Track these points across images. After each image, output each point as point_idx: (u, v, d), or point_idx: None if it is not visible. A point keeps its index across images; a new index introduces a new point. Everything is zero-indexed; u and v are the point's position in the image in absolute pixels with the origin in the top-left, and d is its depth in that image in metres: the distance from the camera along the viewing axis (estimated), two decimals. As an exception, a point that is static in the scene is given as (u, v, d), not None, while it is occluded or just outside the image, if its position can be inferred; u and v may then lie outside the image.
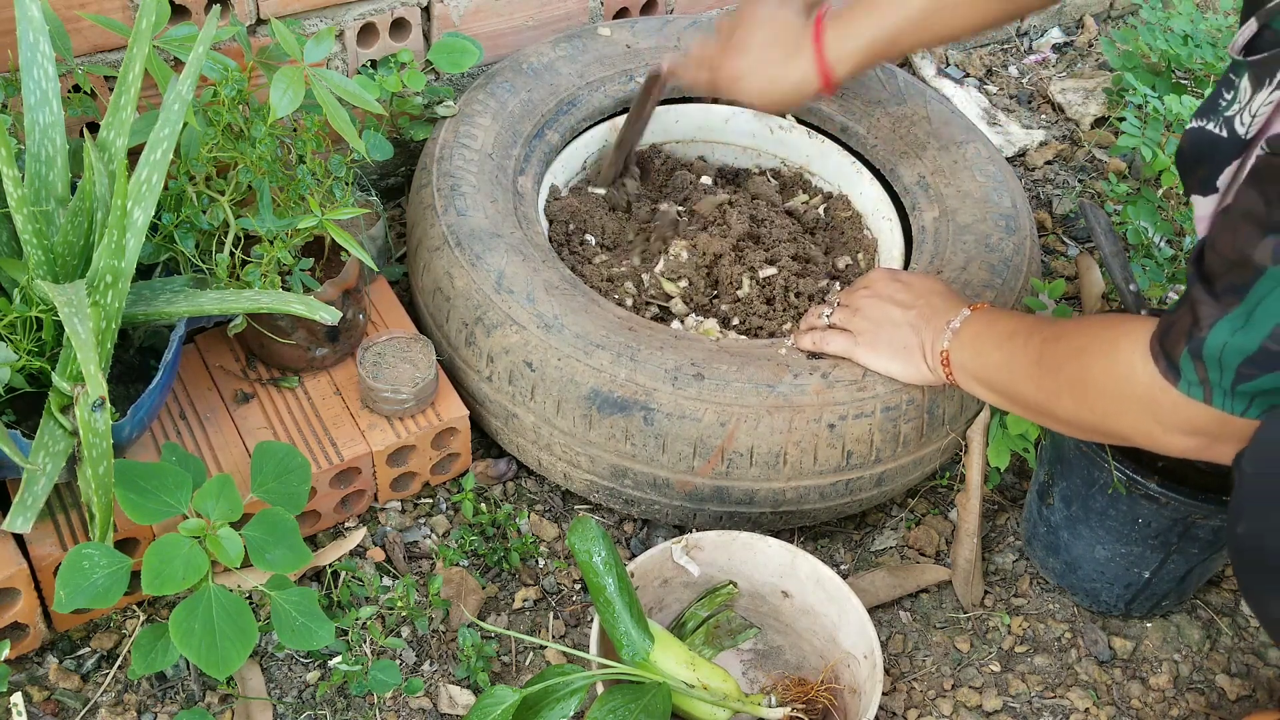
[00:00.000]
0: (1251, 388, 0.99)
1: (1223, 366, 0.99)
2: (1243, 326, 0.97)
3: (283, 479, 1.29)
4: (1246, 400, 1.00)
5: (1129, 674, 1.44)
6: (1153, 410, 1.09)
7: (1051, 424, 1.25)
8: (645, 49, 1.78)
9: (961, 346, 1.32)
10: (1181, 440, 1.09)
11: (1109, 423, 1.15)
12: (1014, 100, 2.31)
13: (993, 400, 1.32)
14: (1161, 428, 1.09)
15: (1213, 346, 0.99)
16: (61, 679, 1.32)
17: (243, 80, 1.36)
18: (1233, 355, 0.98)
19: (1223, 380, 1.00)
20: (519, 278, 1.44)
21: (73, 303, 1.10)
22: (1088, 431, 1.21)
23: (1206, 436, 1.07)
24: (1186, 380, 1.03)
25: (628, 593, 1.26)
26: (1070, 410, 1.19)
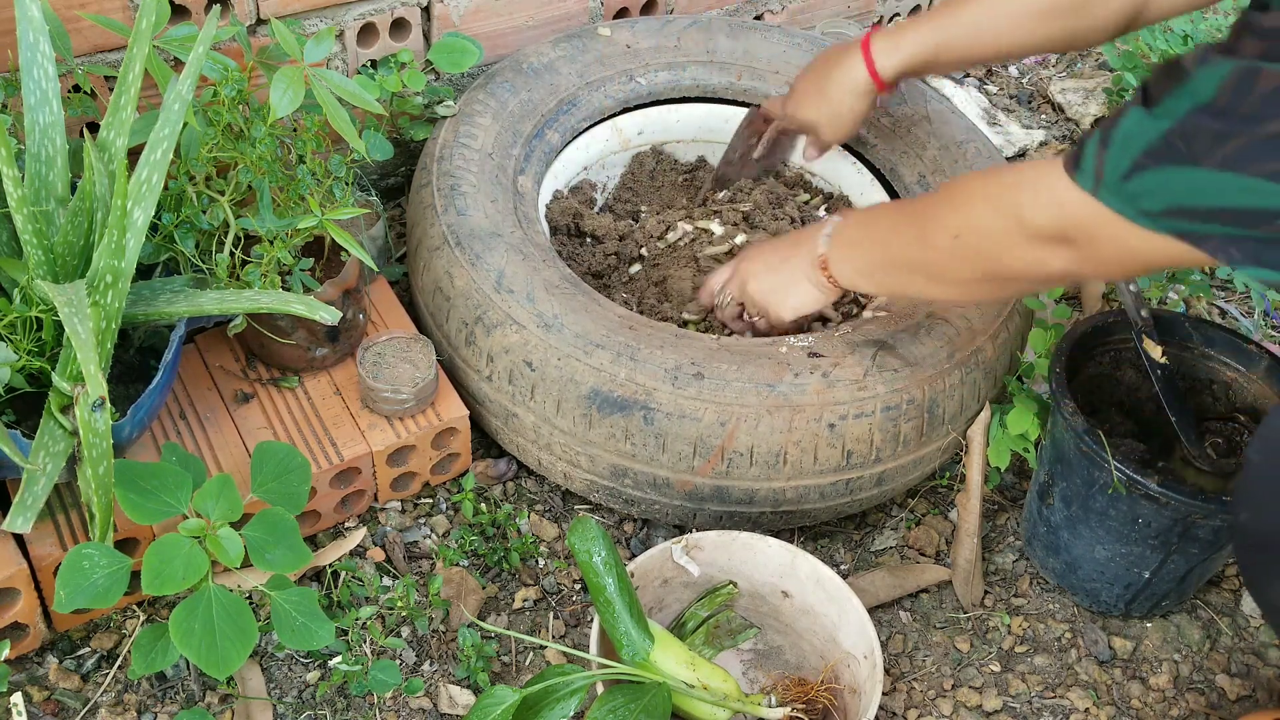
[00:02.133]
0: (1139, 184, 1.00)
1: (1125, 150, 1.01)
2: (1156, 117, 0.99)
3: (283, 479, 1.29)
4: (1126, 199, 1.02)
5: (1129, 674, 1.44)
6: (1031, 206, 1.10)
7: (939, 283, 1.26)
8: (645, 49, 1.78)
9: (839, 244, 1.36)
10: (1037, 250, 1.11)
11: (977, 240, 1.16)
12: (1014, 100, 2.31)
13: (881, 287, 1.37)
14: (1025, 226, 1.11)
15: (1123, 130, 1.01)
16: (61, 679, 1.32)
17: (243, 80, 1.36)
18: (1138, 139, 1.00)
19: (1119, 165, 1.01)
20: (519, 277, 1.44)
21: (73, 303, 1.10)
22: (968, 271, 1.21)
23: (1065, 245, 1.08)
24: (1083, 170, 1.05)
25: (628, 593, 1.26)
26: (945, 244, 1.20)
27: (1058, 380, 1.37)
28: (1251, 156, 0.94)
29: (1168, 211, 1.00)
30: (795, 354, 1.40)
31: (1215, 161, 0.96)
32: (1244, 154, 0.94)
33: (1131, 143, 1.01)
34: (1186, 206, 0.99)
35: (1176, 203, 0.99)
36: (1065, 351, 1.41)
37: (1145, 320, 1.42)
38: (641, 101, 1.77)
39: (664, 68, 1.77)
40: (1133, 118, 1.01)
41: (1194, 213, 0.99)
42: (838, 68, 1.54)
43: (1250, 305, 1.91)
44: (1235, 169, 0.95)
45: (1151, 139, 0.99)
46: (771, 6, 2.08)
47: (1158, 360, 1.40)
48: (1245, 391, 1.46)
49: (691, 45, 1.80)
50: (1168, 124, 0.98)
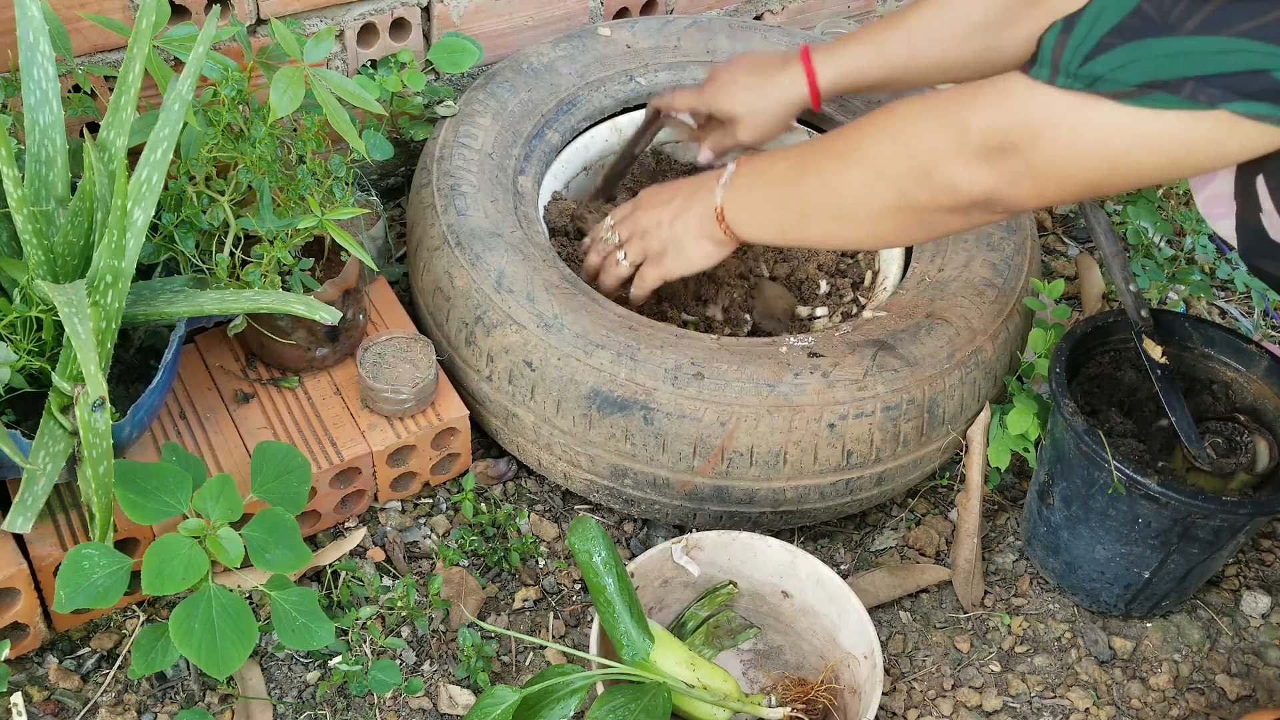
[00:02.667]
0: (1104, 63, 0.95)
1: (1091, 30, 0.96)
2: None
3: (283, 479, 1.29)
4: (1086, 81, 0.96)
5: (1129, 674, 1.44)
6: (966, 113, 1.05)
7: (843, 222, 1.21)
8: (645, 49, 1.78)
9: (735, 191, 1.32)
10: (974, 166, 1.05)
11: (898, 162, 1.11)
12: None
13: (779, 234, 1.31)
14: (960, 141, 1.05)
15: (1089, 14, 0.96)
16: (61, 679, 1.32)
17: (243, 80, 1.36)
18: (1108, 16, 0.95)
19: (1082, 47, 0.96)
20: (519, 277, 1.44)
21: (73, 303, 1.10)
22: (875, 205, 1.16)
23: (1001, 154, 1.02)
24: (1039, 62, 0.99)
25: (628, 593, 1.26)
26: (865, 170, 1.15)
27: (1058, 380, 1.37)
28: (1231, 16, 0.89)
29: (1141, 85, 0.95)
30: (795, 354, 1.40)
31: (1191, 26, 0.91)
32: (1222, 14, 0.90)
33: (1100, 21, 0.96)
34: (1159, 79, 0.93)
35: (1148, 75, 0.94)
36: (1065, 351, 1.41)
37: (1145, 320, 1.42)
38: (641, 101, 1.77)
39: (664, 68, 1.77)
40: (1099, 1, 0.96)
41: (1171, 83, 0.93)
42: (780, 72, 1.51)
43: (1250, 305, 1.91)
44: (1213, 31, 0.90)
45: (1123, 14, 0.94)
46: (771, 6, 2.09)
47: (1158, 360, 1.40)
48: (1245, 391, 1.46)
49: (691, 45, 1.80)
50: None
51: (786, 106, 1.53)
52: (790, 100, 1.52)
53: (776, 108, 1.53)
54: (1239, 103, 0.92)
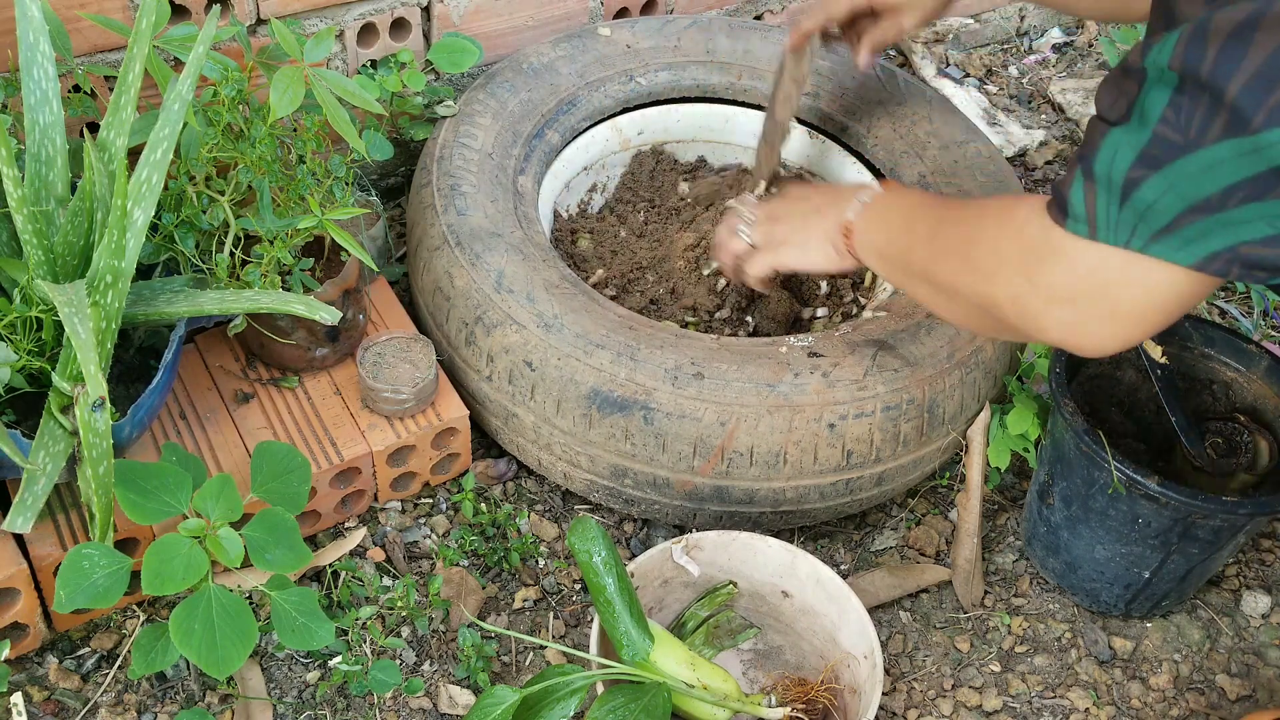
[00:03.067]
0: (1139, 200, 0.92)
1: (1112, 177, 0.93)
2: (1136, 127, 0.91)
3: (283, 479, 1.29)
4: (1130, 227, 0.94)
5: (1129, 674, 1.44)
6: (1030, 266, 1.03)
7: (935, 296, 1.21)
8: (645, 49, 1.78)
9: (868, 217, 1.32)
10: (1054, 311, 1.03)
11: (985, 285, 1.10)
12: (1014, 100, 2.31)
13: (889, 274, 1.31)
14: (1034, 290, 1.04)
15: (1105, 156, 0.94)
16: (61, 679, 1.32)
17: (243, 80, 1.36)
18: (1125, 156, 0.92)
19: (1111, 196, 0.94)
20: (519, 277, 1.44)
21: (73, 303, 1.10)
22: (966, 303, 1.16)
23: (1083, 304, 1.00)
24: (1073, 216, 0.97)
25: (628, 593, 1.26)
26: (952, 271, 1.15)
27: (1058, 380, 1.37)
28: (1244, 107, 0.85)
29: (1181, 216, 0.91)
30: (795, 354, 1.40)
31: (1215, 135, 0.87)
32: (1240, 110, 0.85)
33: (1119, 161, 0.93)
34: (1199, 200, 0.90)
35: (1187, 201, 0.90)
36: (1065, 351, 1.41)
37: (1145, 320, 1.42)
38: (641, 101, 1.77)
39: (664, 68, 1.77)
40: (1111, 139, 0.93)
41: (1209, 203, 0.90)
42: None
43: (1250, 305, 1.91)
44: (1236, 134, 0.86)
45: (1141, 146, 0.91)
46: (771, 6, 2.08)
47: (1158, 360, 1.40)
48: (1245, 391, 1.46)
49: (691, 45, 1.80)
50: (1154, 122, 0.90)
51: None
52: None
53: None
54: None
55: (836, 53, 1.67)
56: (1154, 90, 0.90)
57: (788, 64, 1.59)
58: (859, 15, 1.54)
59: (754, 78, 1.79)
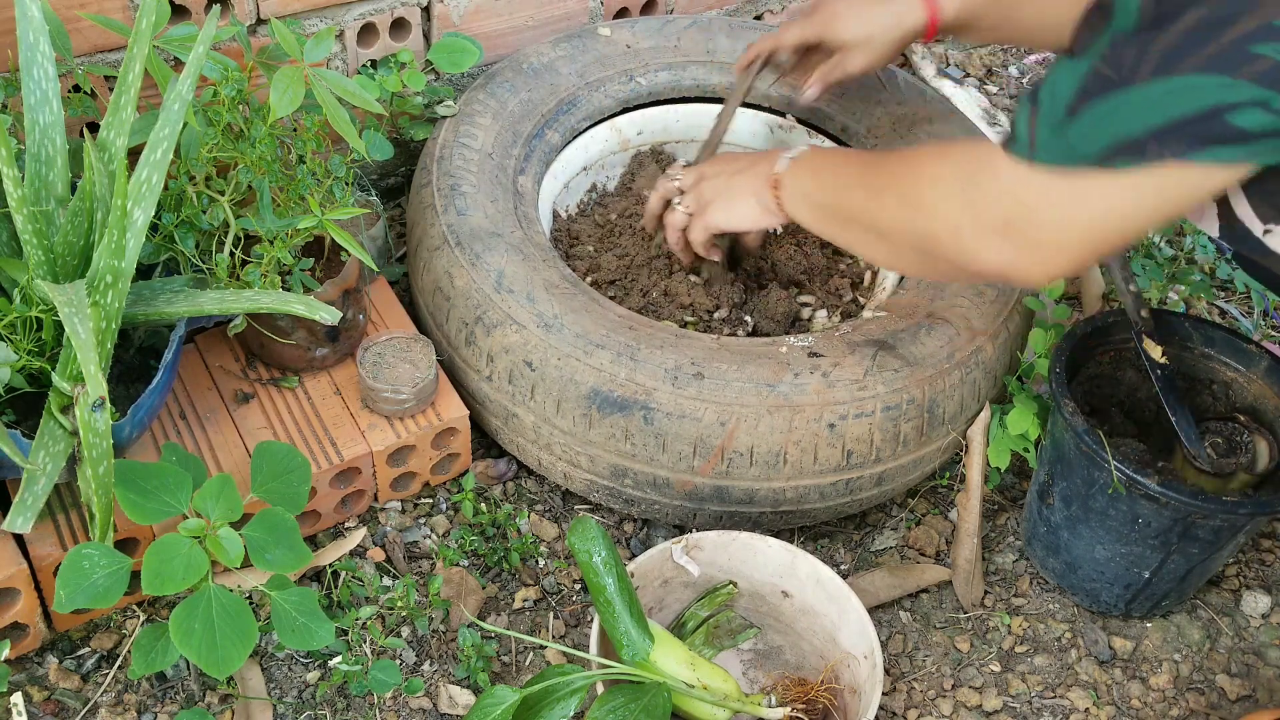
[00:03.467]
0: (1075, 129, 0.96)
1: (1055, 101, 0.98)
2: (1082, 57, 0.96)
3: (283, 479, 1.29)
4: (1065, 148, 0.98)
5: (1129, 674, 1.44)
6: (968, 189, 1.07)
7: (870, 241, 1.24)
8: (645, 49, 1.78)
9: (796, 170, 1.34)
10: (989, 242, 1.07)
11: (923, 219, 1.13)
12: (1014, 100, 2.31)
13: (820, 224, 1.33)
14: (970, 215, 1.07)
15: (1050, 82, 0.99)
16: (61, 679, 1.32)
17: (243, 80, 1.36)
18: (1067, 84, 0.97)
19: (1053, 117, 0.98)
20: (519, 277, 1.44)
21: (73, 303, 1.10)
22: (903, 242, 1.18)
23: (1011, 228, 1.04)
24: (1017, 139, 1.02)
25: (628, 593, 1.26)
26: (889, 209, 1.17)
27: (1058, 380, 1.37)
28: (1178, 54, 0.90)
29: (1107, 150, 0.96)
30: (795, 354, 1.40)
31: (1144, 74, 0.92)
32: (1170, 55, 0.90)
33: (1060, 89, 0.97)
34: (1125, 137, 0.94)
35: (1114, 136, 0.95)
36: (1065, 351, 1.41)
37: (1145, 320, 1.42)
38: (641, 101, 1.77)
39: (664, 68, 1.77)
40: (1059, 69, 0.98)
41: (1133, 143, 0.94)
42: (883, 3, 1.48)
43: (1250, 305, 1.91)
44: (1165, 74, 0.90)
45: (1081, 76, 0.96)
46: (771, 6, 2.09)
47: (1158, 360, 1.40)
48: (1245, 391, 1.46)
49: (691, 45, 1.80)
50: (1095, 58, 0.95)
51: (902, 34, 1.50)
52: (906, 28, 1.49)
53: (892, 35, 1.50)
54: (1199, 152, 0.93)
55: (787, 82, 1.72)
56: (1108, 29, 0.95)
57: (737, 83, 1.65)
58: (809, 48, 1.57)
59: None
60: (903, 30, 1.49)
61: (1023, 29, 1.46)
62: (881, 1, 1.50)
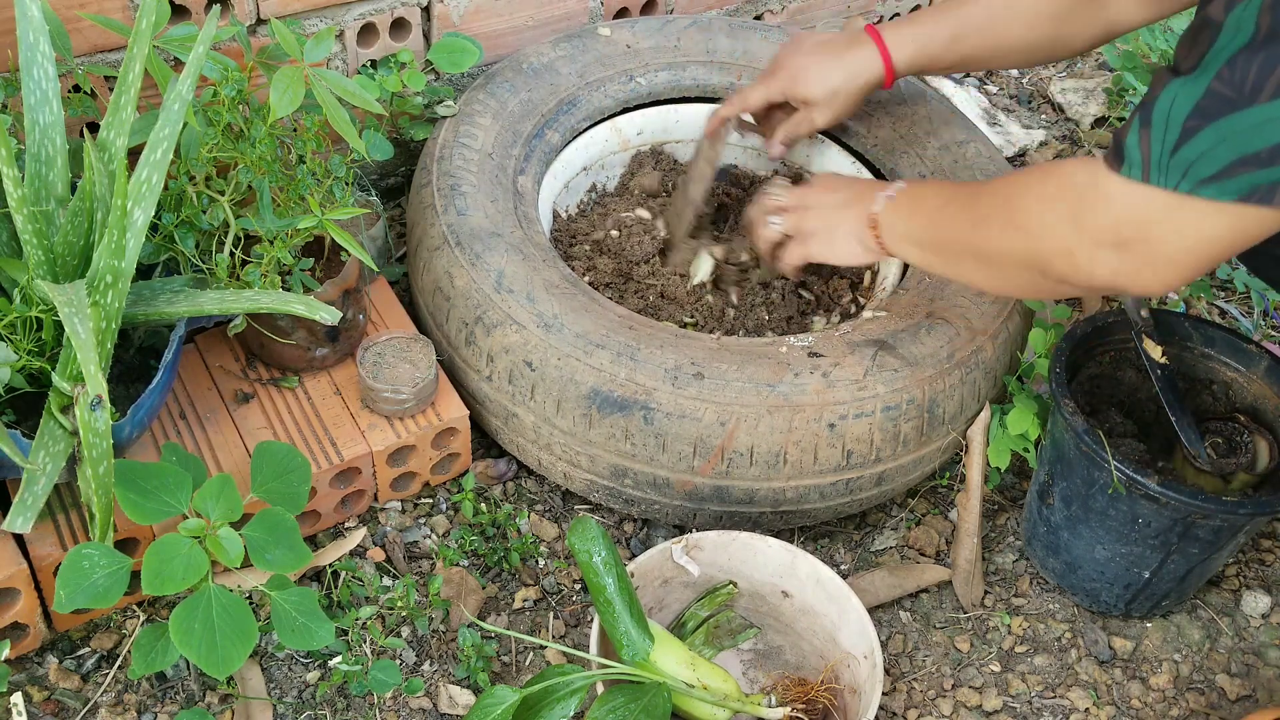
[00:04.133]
0: (1191, 150, 0.96)
1: (1169, 124, 0.97)
2: (1194, 78, 0.95)
3: (283, 479, 1.29)
4: (1181, 171, 0.98)
5: (1129, 674, 1.44)
6: (1079, 212, 1.08)
7: (980, 269, 1.25)
8: (645, 49, 1.78)
9: (895, 208, 1.35)
10: (1101, 256, 1.07)
11: (1033, 241, 1.14)
12: (1014, 100, 2.31)
13: (918, 256, 1.35)
14: (1081, 236, 1.08)
15: (1163, 104, 0.98)
16: (61, 679, 1.32)
17: (243, 80, 1.36)
18: (1181, 107, 0.96)
19: (1166, 140, 0.97)
20: (519, 277, 1.44)
21: (73, 303, 1.10)
22: (1014, 267, 1.19)
23: (1126, 246, 1.05)
24: (1128, 161, 1.01)
25: (628, 593, 1.26)
26: (997, 237, 1.19)
27: (1058, 380, 1.37)
28: None
29: (1230, 167, 0.95)
30: (795, 354, 1.40)
31: (1269, 93, 0.90)
32: None
33: (1175, 111, 0.96)
34: (1250, 153, 0.93)
35: (1238, 153, 0.94)
36: (1065, 351, 1.41)
37: (1145, 320, 1.42)
38: (641, 101, 1.77)
39: (664, 68, 1.77)
40: (1170, 88, 0.97)
41: (1259, 158, 0.93)
42: (851, 51, 1.52)
43: (1250, 305, 1.91)
44: None
45: (1196, 98, 0.94)
46: (771, 6, 2.09)
47: (1158, 360, 1.40)
48: (1245, 391, 1.46)
49: (691, 45, 1.80)
50: (1210, 77, 0.93)
51: (863, 86, 1.54)
52: (867, 80, 1.53)
53: (854, 88, 1.54)
54: None
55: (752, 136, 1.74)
56: (1223, 45, 0.94)
57: (704, 147, 1.66)
58: (774, 106, 1.61)
59: (753, 78, 1.79)
60: (862, 82, 1.54)
61: (982, 59, 1.50)
62: (837, 58, 1.54)
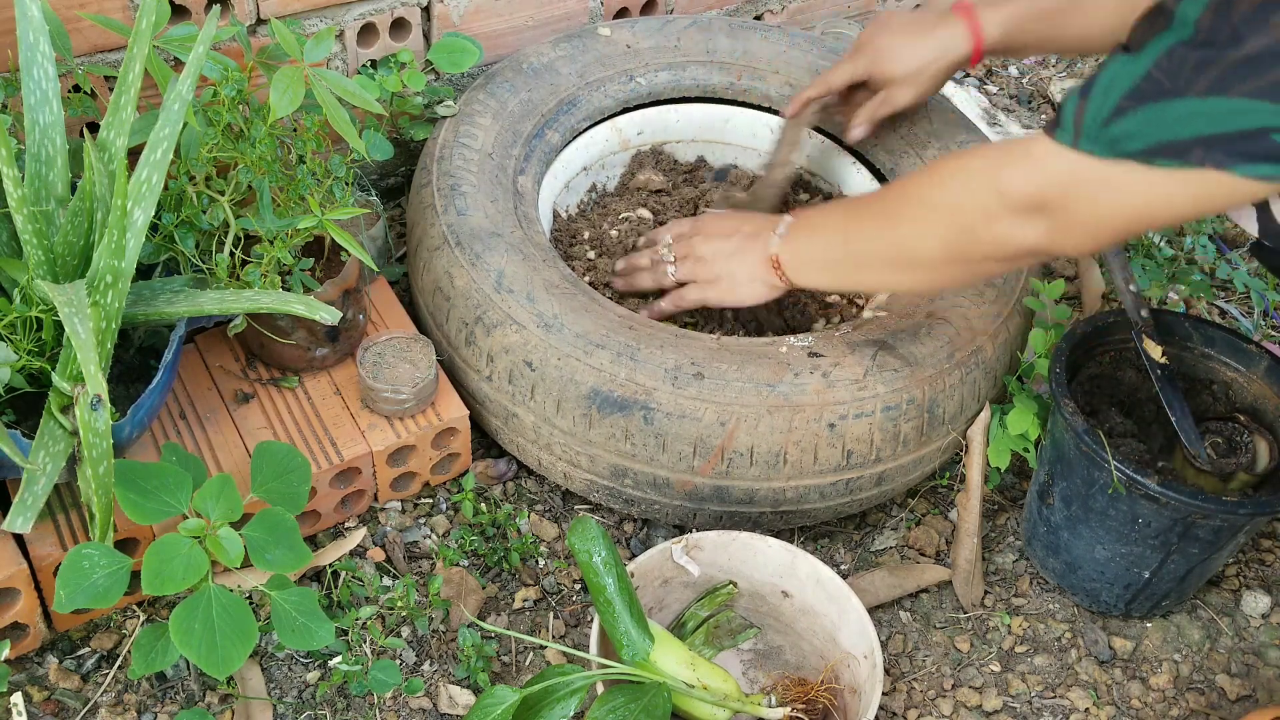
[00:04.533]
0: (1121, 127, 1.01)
1: (1106, 97, 1.01)
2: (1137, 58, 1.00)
3: (283, 479, 1.29)
4: (1108, 143, 1.02)
5: (1129, 674, 1.44)
6: (1002, 170, 1.11)
7: (899, 271, 1.27)
8: (645, 49, 1.78)
9: (791, 243, 1.36)
10: (1021, 221, 1.11)
11: (951, 216, 1.17)
12: (1014, 100, 2.31)
13: (828, 279, 1.37)
14: (1005, 199, 1.11)
15: (1104, 79, 1.02)
16: (61, 679, 1.32)
17: (243, 80, 1.36)
18: (1121, 82, 1.01)
19: (1100, 113, 1.02)
20: (519, 277, 1.44)
21: (73, 303, 1.10)
22: (937, 257, 1.21)
23: (1048, 210, 1.09)
24: (1062, 126, 1.05)
25: (628, 593, 1.26)
26: (911, 225, 1.21)
27: (1058, 380, 1.37)
28: (1235, 78, 0.95)
29: (1151, 149, 1.00)
30: (795, 354, 1.40)
31: (1199, 89, 0.96)
32: (1227, 77, 0.95)
33: (1114, 87, 1.01)
34: (1170, 141, 0.99)
35: (1160, 138, 1.00)
36: (1065, 351, 1.41)
37: (1145, 320, 1.42)
38: (641, 101, 1.77)
39: (664, 68, 1.77)
40: (1114, 64, 1.02)
41: (1178, 146, 0.99)
42: (940, 28, 1.50)
43: (1250, 305, 1.91)
44: (1219, 93, 0.95)
45: (1135, 79, 1.00)
46: (771, 6, 2.09)
47: (1158, 360, 1.40)
48: (1245, 391, 1.46)
49: (691, 45, 1.80)
50: (1149, 63, 0.99)
51: (949, 65, 1.52)
52: (953, 58, 1.51)
53: (939, 66, 1.52)
54: (1242, 165, 0.98)
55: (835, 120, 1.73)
56: (1167, 35, 0.98)
57: (786, 130, 1.66)
58: (856, 87, 1.60)
59: (754, 78, 1.79)
60: (949, 60, 1.51)
61: (1067, 42, 1.48)
62: (926, 34, 1.51)
